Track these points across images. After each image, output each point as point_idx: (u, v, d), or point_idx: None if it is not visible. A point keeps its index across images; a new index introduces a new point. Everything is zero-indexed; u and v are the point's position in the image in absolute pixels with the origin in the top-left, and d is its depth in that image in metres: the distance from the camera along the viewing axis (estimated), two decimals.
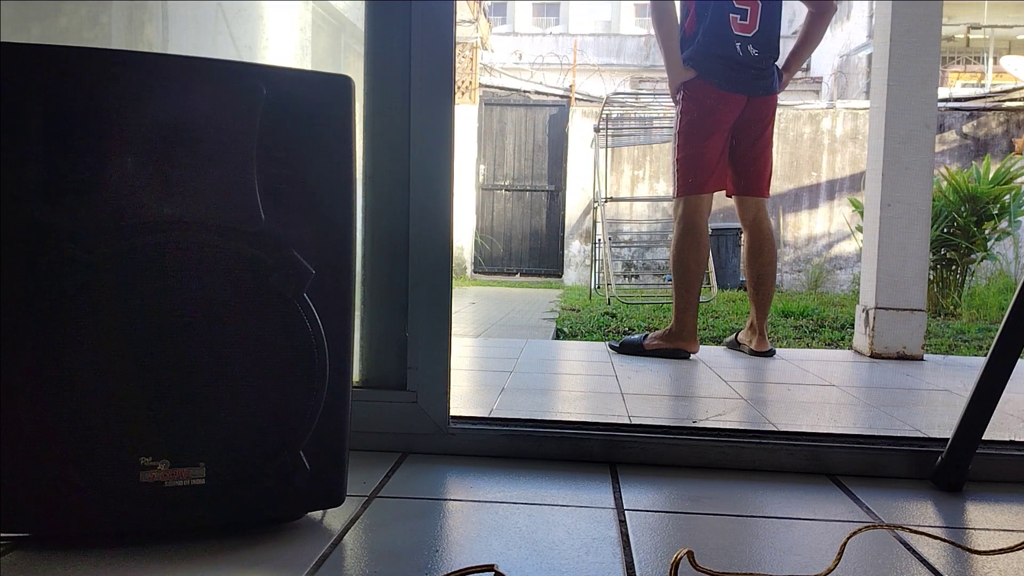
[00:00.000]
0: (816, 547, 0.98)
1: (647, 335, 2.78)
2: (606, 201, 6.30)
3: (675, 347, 2.70)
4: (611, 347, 2.88)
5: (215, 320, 0.90)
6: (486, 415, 1.61)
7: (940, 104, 8.02)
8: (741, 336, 2.93)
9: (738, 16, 2.61)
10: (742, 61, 2.63)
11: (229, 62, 0.92)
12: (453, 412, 1.34)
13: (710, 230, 6.03)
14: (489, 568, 0.86)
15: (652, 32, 2.73)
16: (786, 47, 2.83)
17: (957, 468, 1.22)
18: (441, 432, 1.32)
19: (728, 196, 2.81)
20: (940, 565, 0.93)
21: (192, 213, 0.88)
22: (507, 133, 9.49)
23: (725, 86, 2.64)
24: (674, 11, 2.69)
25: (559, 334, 4.06)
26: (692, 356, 2.72)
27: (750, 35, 2.62)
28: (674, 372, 2.42)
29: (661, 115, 6.58)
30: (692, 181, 2.67)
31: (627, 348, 2.78)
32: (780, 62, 2.76)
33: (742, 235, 2.87)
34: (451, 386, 1.33)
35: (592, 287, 6.53)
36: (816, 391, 2.13)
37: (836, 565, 0.90)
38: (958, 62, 14.86)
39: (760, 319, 2.80)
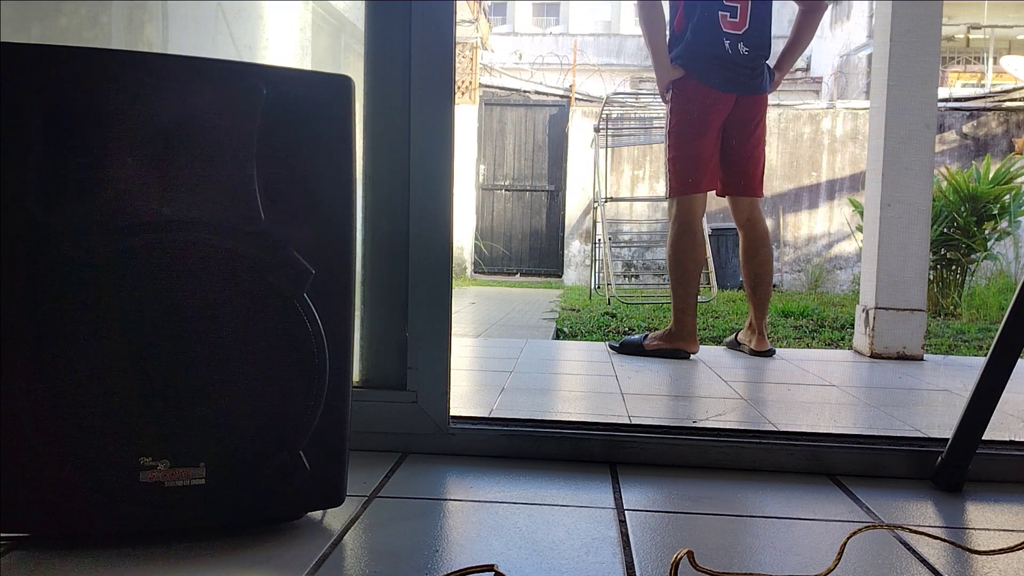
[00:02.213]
0: (816, 547, 0.98)
1: (647, 335, 2.78)
2: (606, 201, 6.30)
3: (675, 347, 2.70)
4: (611, 347, 2.88)
5: (215, 320, 0.90)
6: (486, 415, 1.61)
7: (940, 104, 8.02)
8: (741, 336, 2.93)
9: (728, 14, 2.59)
10: (732, 59, 2.61)
11: (229, 62, 0.92)
12: (453, 412, 1.34)
13: (709, 230, 6.08)
14: (489, 568, 0.86)
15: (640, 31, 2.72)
16: (781, 47, 2.83)
17: (957, 468, 1.22)
18: (441, 432, 1.32)
19: (719, 196, 2.80)
20: (940, 565, 0.93)
21: (192, 213, 0.88)
22: (507, 133, 9.48)
23: (715, 85, 2.63)
24: (661, 9, 2.67)
25: (559, 334, 4.06)
26: (692, 356, 2.72)
27: (740, 33, 2.60)
28: (674, 372, 2.42)
29: (661, 115, 6.55)
30: (686, 181, 2.67)
31: (627, 348, 2.78)
32: (772, 61, 2.75)
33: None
34: (451, 386, 1.33)
35: (592, 287, 6.53)
36: (816, 391, 2.13)
37: (836, 565, 0.90)
38: (958, 62, 14.86)
39: (759, 319, 2.80)
